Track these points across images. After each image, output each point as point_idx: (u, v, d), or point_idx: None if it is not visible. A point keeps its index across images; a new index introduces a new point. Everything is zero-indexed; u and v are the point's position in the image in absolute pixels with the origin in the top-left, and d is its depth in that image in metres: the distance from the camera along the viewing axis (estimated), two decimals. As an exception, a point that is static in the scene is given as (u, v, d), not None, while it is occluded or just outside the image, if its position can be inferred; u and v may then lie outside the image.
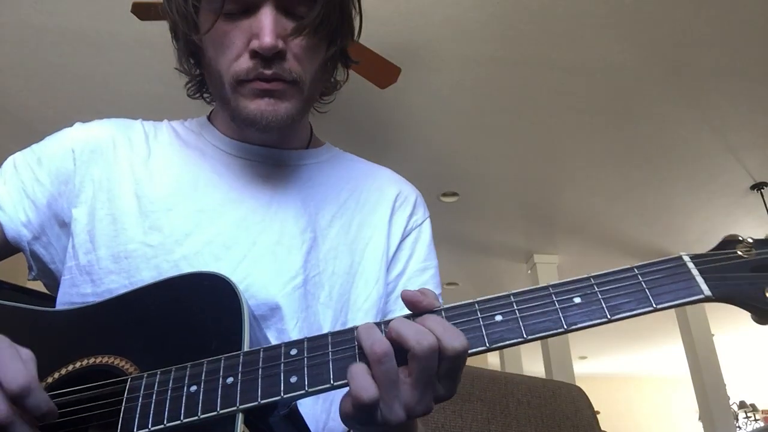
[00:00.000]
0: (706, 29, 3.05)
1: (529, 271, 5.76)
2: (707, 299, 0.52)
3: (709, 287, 0.52)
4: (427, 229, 0.85)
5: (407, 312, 0.77)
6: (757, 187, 4.55)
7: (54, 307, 0.73)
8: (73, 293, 0.70)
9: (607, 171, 4.37)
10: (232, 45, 0.67)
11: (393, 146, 4.00)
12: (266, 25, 0.65)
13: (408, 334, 0.49)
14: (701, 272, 0.53)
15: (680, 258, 0.54)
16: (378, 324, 0.53)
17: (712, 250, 0.55)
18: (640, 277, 0.53)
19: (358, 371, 0.49)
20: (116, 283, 0.67)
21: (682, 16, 2.97)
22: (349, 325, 0.70)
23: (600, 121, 3.81)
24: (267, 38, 0.64)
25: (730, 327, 7.10)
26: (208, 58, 0.71)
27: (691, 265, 0.53)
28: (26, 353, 0.51)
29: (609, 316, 0.51)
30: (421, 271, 0.81)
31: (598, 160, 4.23)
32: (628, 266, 0.54)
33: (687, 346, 5.61)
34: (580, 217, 5.05)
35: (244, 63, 0.67)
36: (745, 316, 0.53)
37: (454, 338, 0.49)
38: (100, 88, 3.45)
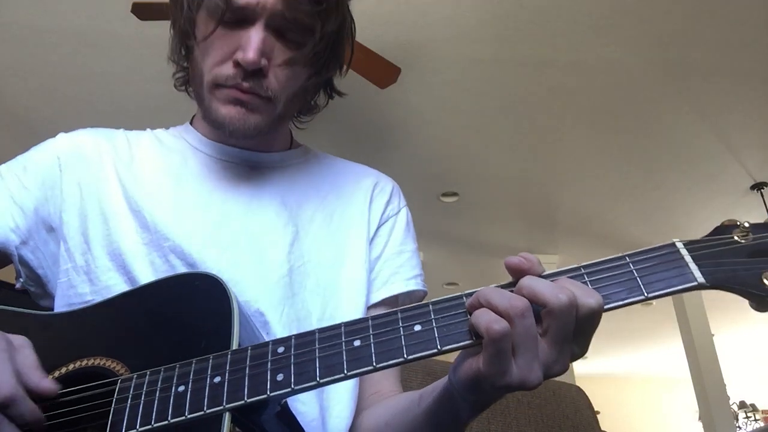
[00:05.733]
0: (706, 29, 3.05)
1: (530, 271, 5.74)
2: (701, 286, 0.50)
3: (702, 274, 0.50)
4: (403, 218, 0.87)
5: (385, 293, 0.79)
6: (757, 187, 4.55)
7: (52, 308, 0.75)
8: (71, 294, 0.72)
9: (607, 171, 4.36)
10: (219, 50, 0.70)
11: (393, 146, 4.00)
12: (254, 42, 0.68)
13: (544, 290, 0.48)
14: (695, 258, 0.51)
15: (673, 245, 0.52)
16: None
17: (707, 235, 0.53)
18: (631, 265, 0.51)
19: (480, 312, 0.48)
20: (114, 280, 0.70)
21: (682, 16, 2.97)
22: (339, 311, 0.73)
23: (600, 121, 3.81)
24: (251, 54, 0.67)
25: (730, 327, 7.09)
26: (196, 56, 0.74)
27: (684, 251, 0.51)
28: (20, 340, 0.54)
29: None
30: (397, 254, 0.83)
31: (598, 160, 4.23)
32: (620, 254, 0.52)
33: (687, 346, 5.59)
34: (580, 217, 5.05)
35: (226, 70, 0.70)
36: (746, 315, 0.51)
37: (589, 295, 0.48)
38: (100, 88, 3.46)
